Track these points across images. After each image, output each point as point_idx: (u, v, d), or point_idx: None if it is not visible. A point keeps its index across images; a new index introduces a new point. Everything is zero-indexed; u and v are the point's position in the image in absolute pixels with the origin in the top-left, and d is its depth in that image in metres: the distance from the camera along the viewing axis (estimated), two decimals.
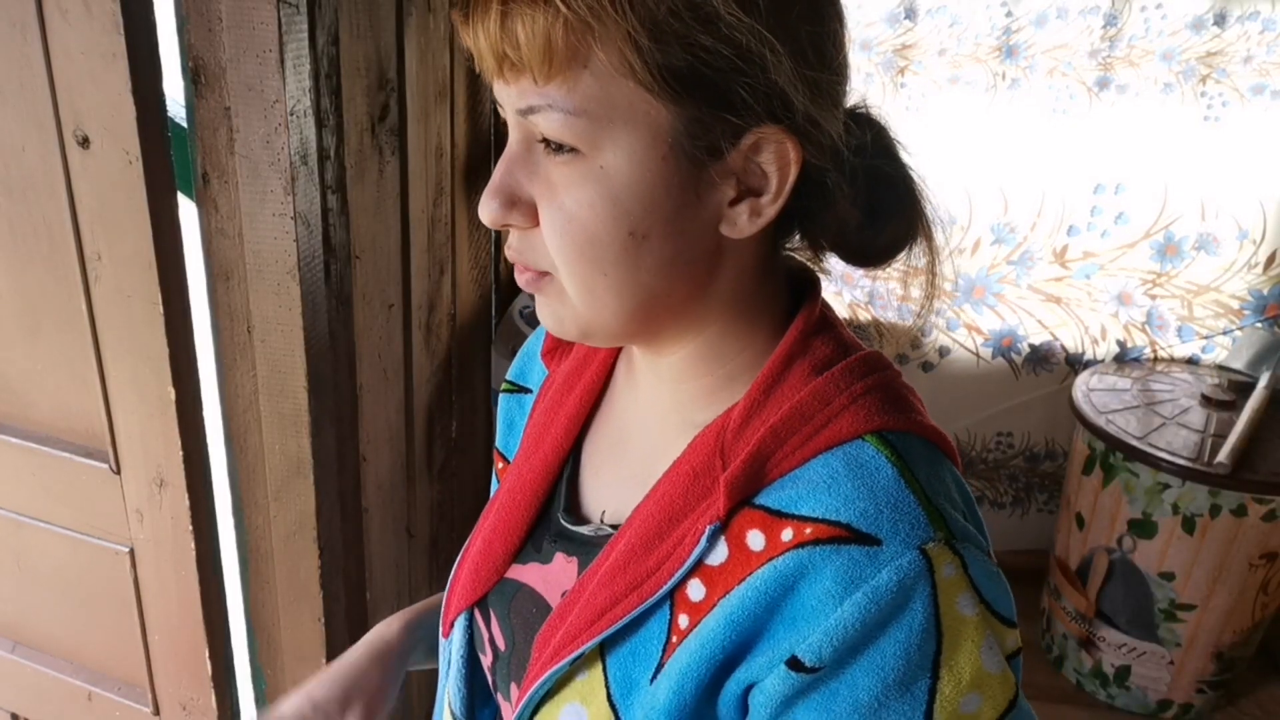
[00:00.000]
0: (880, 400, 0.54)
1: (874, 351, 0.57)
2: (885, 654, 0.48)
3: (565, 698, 0.57)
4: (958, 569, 0.49)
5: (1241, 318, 2.28)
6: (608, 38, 0.48)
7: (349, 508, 1.23)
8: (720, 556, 0.53)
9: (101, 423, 1.16)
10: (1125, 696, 2.18)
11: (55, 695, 1.42)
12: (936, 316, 2.35)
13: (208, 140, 0.97)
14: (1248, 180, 2.16)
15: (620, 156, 0.50)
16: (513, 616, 0.66)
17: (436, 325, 1.50)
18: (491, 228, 0.55)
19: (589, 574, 0.58)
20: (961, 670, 0.48)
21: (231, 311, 1.05)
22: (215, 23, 0.92)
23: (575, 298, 0.54)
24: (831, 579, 0.48)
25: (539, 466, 0.67)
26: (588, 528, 0.63)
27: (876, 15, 2.10)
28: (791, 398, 0.54)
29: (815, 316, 0.58)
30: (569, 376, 0.70)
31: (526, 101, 0.51)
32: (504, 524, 0.68)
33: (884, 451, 0.52)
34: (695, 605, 0.53)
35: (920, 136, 2.31)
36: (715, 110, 0.49)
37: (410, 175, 1.28)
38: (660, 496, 0.56)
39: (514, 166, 0.53)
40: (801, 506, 0.51)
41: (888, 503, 0.49)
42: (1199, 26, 2.06)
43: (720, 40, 0.48)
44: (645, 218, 0.51)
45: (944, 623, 0.48)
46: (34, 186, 1.05)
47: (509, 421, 0.77)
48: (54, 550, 1.30)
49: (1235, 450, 1.88)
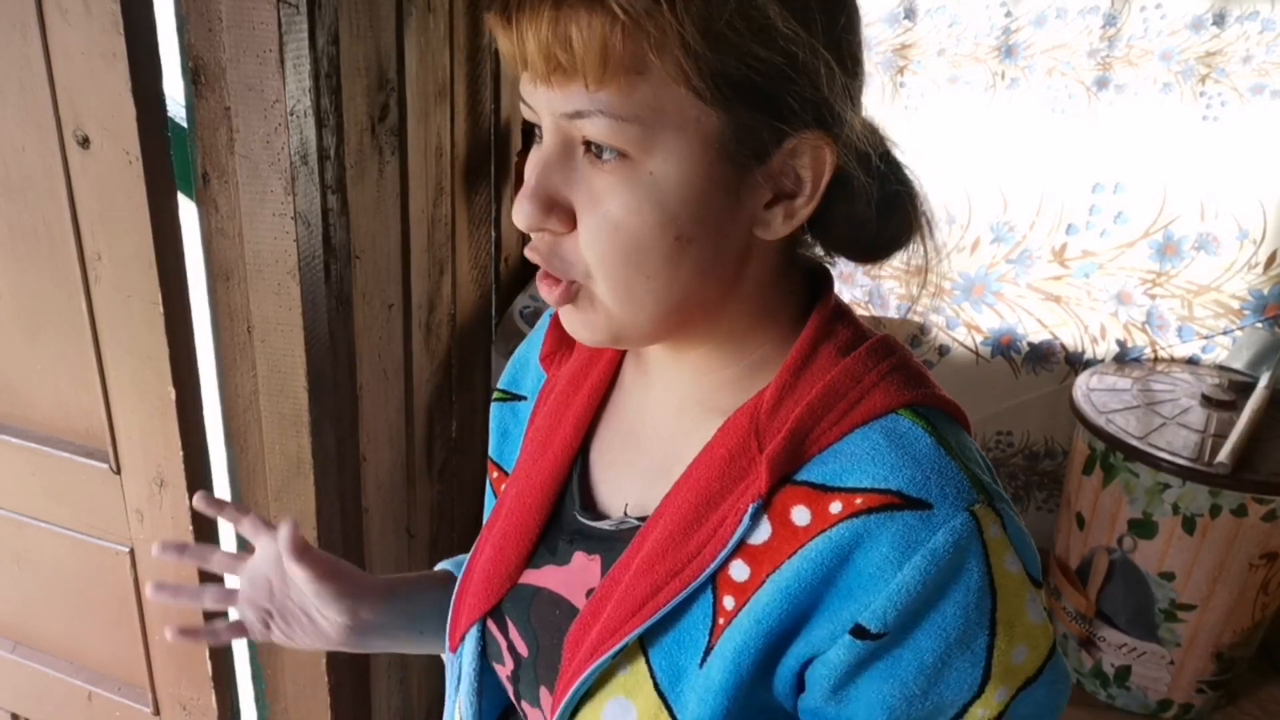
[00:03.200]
0: (905, 377, 0.56)
1: (888, 334, 0.59)
2: (946, 615, 0.49)
3: (608, 694, 0.57)
4: (1000, 529, 0.51)
5: (1241, 318, 2.28)
6: (664, 44, 0.48)
7: (349, 508, 1.23)
8: (763, 535, 0.53)
9: (101, 423, 1.16)
10: (1125, 696, 2.18)
11: (55, 695, 1.42)
12: (936, 315, 2.36)
13: (208, 140, 0.97)
14: (1247, 180, 2.16)
15: (669, 162, 0.50)
16: (534, 621, 0.65)
17: (436, 325, 1.50)
18: (526, 231, 0.54)
19: (620, 567, 0.58)
20: (1014, 624, 0.50)
21: (231, 311, 1.05)
22: (215, 23, 0.92)
23: (612, 302, 0.54)
24: (889, 545, 0.49)
25: (548, 468, 0.67)
26: (608, 522, 0.63)
27: (876, 15, 2.10)
28: (823, 377, 0.55)
29: (833, 303, 0.60)
30: (574, 377, 0.69)
31: (573, 106, 0.50)
32: (515, 529, 0.67)
33: (918, 423, 0.53)
34: (740, 585, 0.53)
35: (920, 136, 2.32)
36: (765, 117, 0.50)
37: (410, 175, 1.28)
38: (695, 481, 0.56)
39: (550, 170, 0.52)
40: (847, 479, 0.52)
41: (932, 469, 0.51)
42: (1198, 26, 2.06)
43: (775, 51, 0.48)
44: (690, 222, 0.51)
45: (997, 580, 0.50)
46: (34, 186, 1.05)
47: (503, 430, 0.77)
48: (54, 550, 1.30)
49: (1235, 450, 1.88)
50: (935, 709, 0.51)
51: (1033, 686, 0.52)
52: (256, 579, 0.76)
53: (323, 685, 1.24)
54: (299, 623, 0.74)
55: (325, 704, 1.25)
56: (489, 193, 1.65)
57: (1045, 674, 0.53)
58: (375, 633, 0.74)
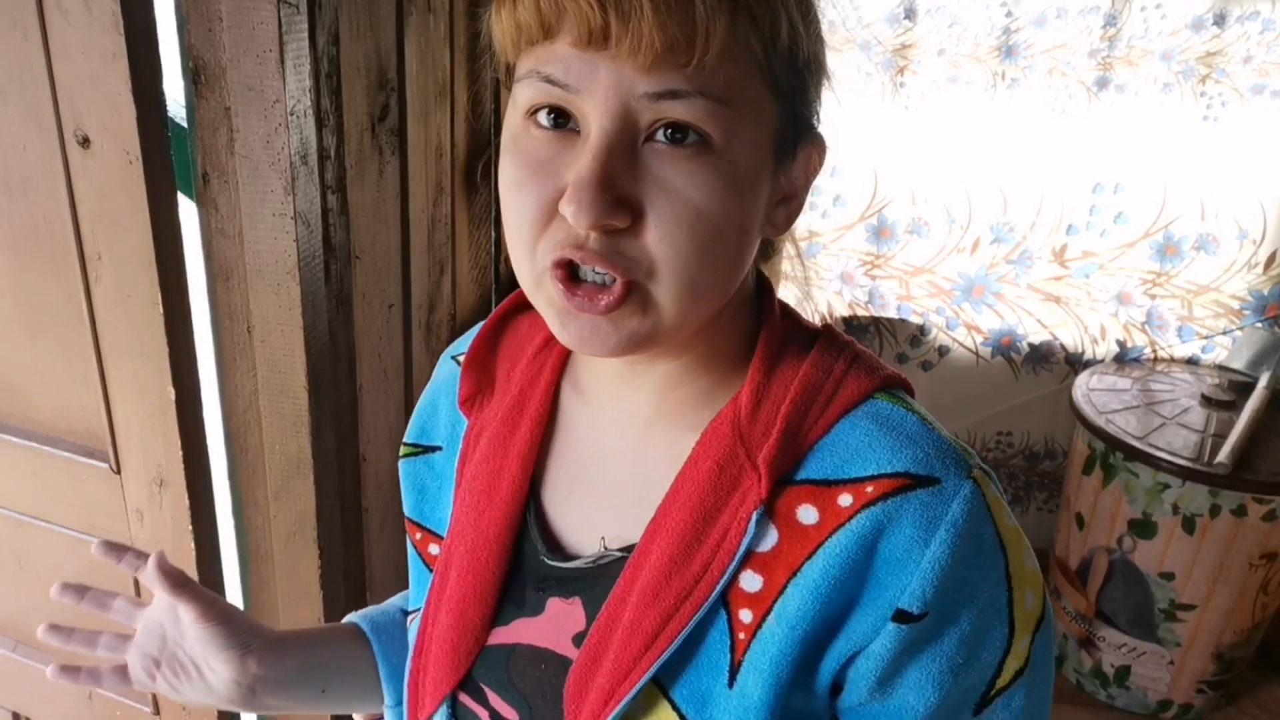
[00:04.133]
0: (865, 362, 0.57)
1: (826, 323, 0.61)
2: (973, 582, 0.50)
3: None
4: (995, 488, 0.53)
5: (1241, 318, 2.28)
6: (753, 32, 0.48)
7: (349, 508, 1.23)
8: (770, 541, 0.52)
9: (102, 422, 1.16)
10: (1125, 696, 2.18)
11: (55, 695, 1.42)
12: (936, 315, 2.36)
13: (208, 140, 0.97)
14: (1247, 180, 2.16)
15: (746, 149, 0.49)
16: (516, 682, 0.61)
17: (436, 325, 1.50)
18: (589, 229, 0.48)
19: (615, 603, 0.55)
20: (1022, 575, 0.52)
21: (231, 311, 1.05)
22: (215, 23, 0.92)
23: (671, 301, 0.50)
24: (911, 525, 0.50)
25: (498, 517, 0.62)
26: (583, 560, 0.59)
27: (876, 15, 2.10)
28: (795, 373, 0.55)
29: (778, 300, 0.60)
30: (506, 417, 0.64)
31: (666, 85, 0.46)
32: (473, 588, 0.62)
33: (897, 404, 0.54)
34: (754, 596, 0.52)
35: (920, 136, 2.33)
36: (800, 112, 0.52)
37: (410, 175, 1.28)
38: (685, 499, 0.54)
39: (615, 159, 0.47)
40: (850, 470, 0.52)
41: (929, 445, 0.52)
42: (1198, 26, 2.06)
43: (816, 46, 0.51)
44: (751, 215, 0.51)
45: (1004, 537, 0.52)
46: (34, 186, 1.05)
47: (419, 488, 0.71)
48: (54, 550, 1.30)
49: (1235, 450, 1.88)
50: (979, 674, 0.52)
51: (1041, 627, 0.54)
52: (150, 625, 0.72)
53: None
54: (186, 674, 0.69)
55: None
56: (489, 193, 1.65)
57: (1046, 613, 0.54)
58: (268, 689, 0.68)
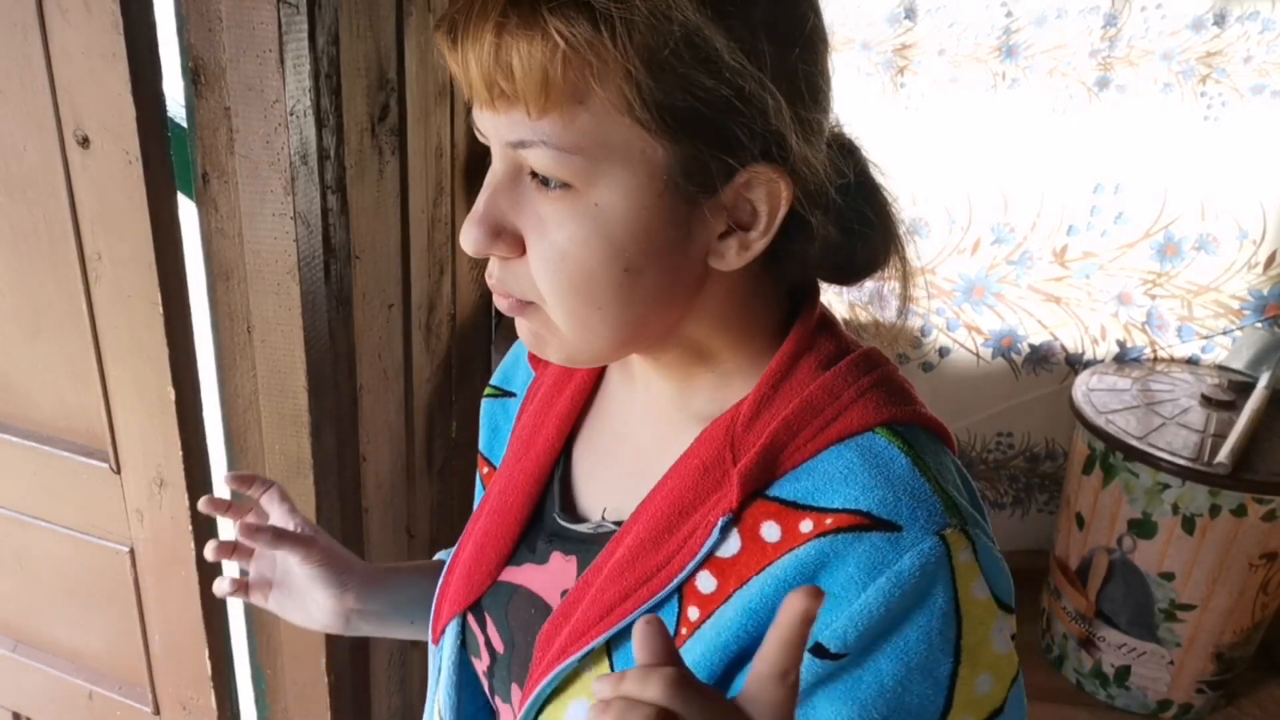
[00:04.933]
0: (886, 393, 0.55)
1: (873, 347, 0.58)
2: (909, 639, 0.48)
3: (572, 694, 0.57)
4: (971, 554, 0.50)
5: (1241, 318, 2.28)
6: (607, 74, 0.47)
7: (349, 508, 1.23)
8: (732, 549, 0.53)
9: (101, 422, 1.16)
10: (1125, 696, 2.18)
11: (55, 695, 1.42)
12: (937, 316, 2.36)
13: (208, 140, 0.97)
14: (1248, 180, 2.16)
15: (616, 194, 0.49)
16: (510, 619, 0.66)
17: (436, 325, 1.50)
18: (474, 257, 0.53)
19: (593, 571, 0.58)
20: (978, 653, 0.49)
21: (231, 311, 1.05)
22: (215, 23, 0.92)
23: (566, 329, 0.54)
24: (855, 566, 0.49)
25: (530, 468, 0.67)
26: (586, 526, 0.63)
27: (876, 15, 2.10)
28: (801, 391, 0.55)
29: (816, 315, 0.59)
30: (559, 378, 0.69)
31: (517, 135, 0.49)
32: (496, 527, 0.67)
33: (895, 442, 0.52)
34: (706, 598, 0.53)
35: (920, 136, 2.32)
36: (712, 149, 0.49)
37: (410, 175, 1.28)
38: (669, 490, 0.56)
39: (498, 196, 0.52)
40: (819, 498, 0.51)
41: (905, 491, 0.50)
42: (1199, 26, 2.06)
43: (721, 82, 0.47)
44: (640, 254, 0.51)
45: (963, 607, 0.49)
46: (34, 186, 1.05)
47: (493, 426, 0.77)
48: (54, 550, 1.30)
49: (1235, 450, 1.88)
50: None
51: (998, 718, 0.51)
52: (264, 552, 0.78)
53: (323, 685, 1.24)
54: (291, 601, 0.77)
55: (325, 704, 1.25)
56: None
57: (1008, 705, 0.51)
58: (363, 620, 0.76)
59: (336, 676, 1.25)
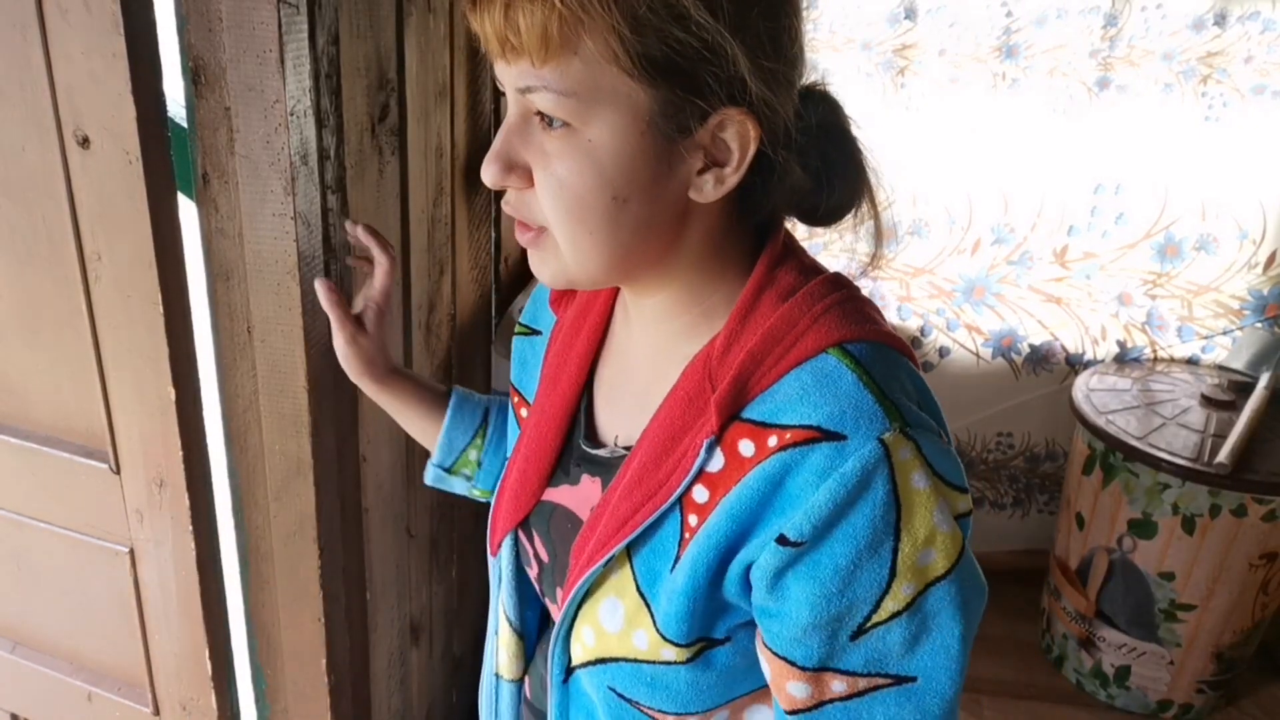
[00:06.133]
0: (839, 316, 0.63)
1: (835, 273, 0.67)
2: (856, 525, 0.58)
3: (603, 593, 0.68)
4: (913, 451, 0.58)
5: (1241, 318, 2.28)
6: (595, 29, 0.56)
7: (349, 508, 1.23)
8: (718, 464, 0.63)
9: (101, 423, 1.16)
10: (1125, 696, 2.18)
11: (55, 695, 1.42)
12: (937, 316, 2.36)
13: (208, 140, 0.97)
14: (1248, 180, 2.16)
15: (605, 131, 0.59)
16: (552, 533, 0.77)
17: (436, 325, 1.50)
18: (492, 188, 0.63)
19: (610, 490, 0.69)
20: (917, 531, 0.58)
21: (231, 311, 1.05)
22: (215, 23, 0.92)
23: (565, 251, 0.63)
24: (809, 471, 0.58)
25: (559, 400, 0.78)
26: (604, 450, 0.74)
27: (876, 15, 2.10)
28: (763, 324, 0.63)
29: (778, 251, 0.67)
30: (575, 320, 0.80)
31: (525, 82, 0.59)
32: (535, 453, 0.78)
33: (844, 361, 0.61)
34: (701, 506, 0.63)
35: (920, 137, 2.33)
36: (686, 94, 0.58)
37: (410, 175, 1.28)
38: (663, 419, 0.66)
39: (512, 135, 0.62)
40: (782, 417, 0.61)
41: (850, 404, 0.59)
42: (1199, 27, 2.06)
43: (690, 34, 0.56)
44: (626, 184, 0.60)
45: (901, 496, 0.58)
46: (34, 186, 1.05)
47: (522, 360, 0.88)
48: (54, 550, 1.30)
49: (1235, 450, 1.88)
50: (851, 603, 0.59)
51: (941, 583, 0.59)
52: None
53: (323, 685, 1.24)
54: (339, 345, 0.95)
55: (325, 704, 1.25)
56: (489, 193, 1.65)
57: (954, 573, 0.59)
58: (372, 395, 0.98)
59: (336, 676, 1.25)
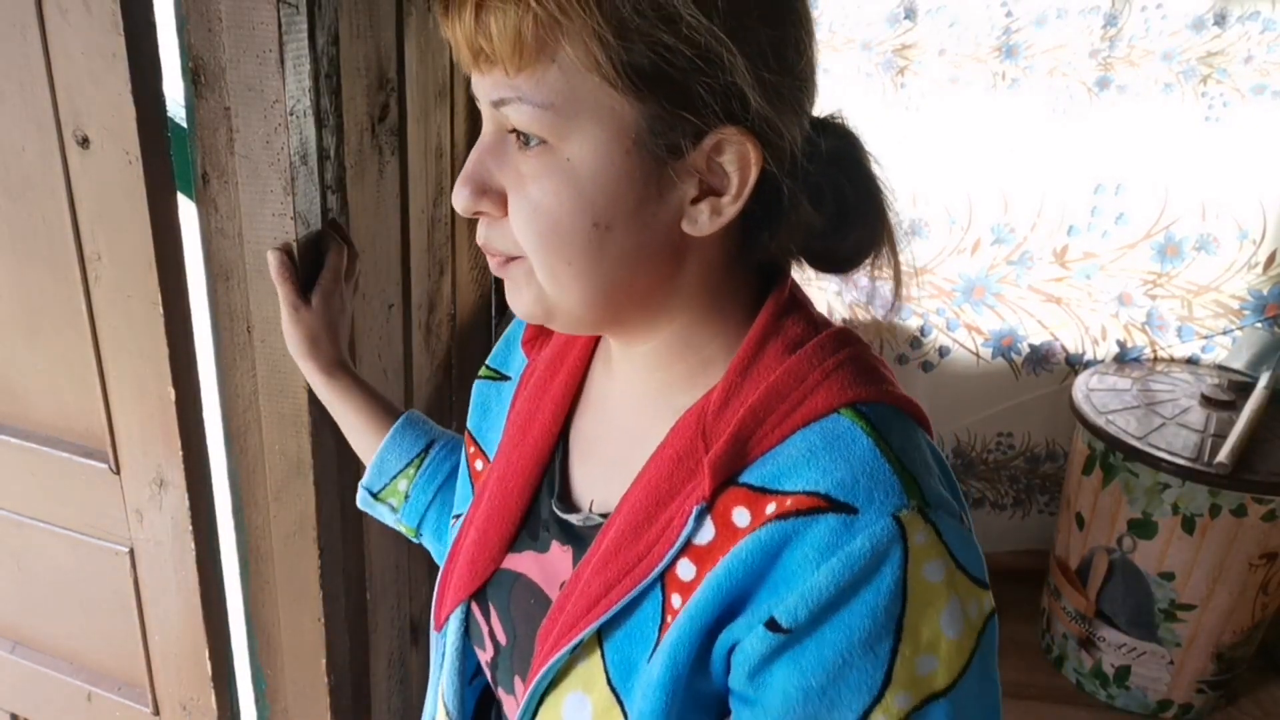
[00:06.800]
0: (852, 373, 0.56)
1: (843, 327, 0.60)
2: (854, 615, 0.49)
3: (568, 687, 0.59)
4: (930, 535, 0.50)
5: (1241, 318, 2.28)
6: (574, 33, 0.49)
7: (349, 508, 1.23)
8: (708, 535, 0.55)
9: (101, 423, 1.16)
10: (1125, 696, 2.18)
11: (55, 695, 1.42)
12: (937, 316, 2.36)
13: (208, 140, 0.97)
14: (1248, 180, 2.16)
15: (585, 149, 0.52)
16: (513, 609, 0.67)
17: (436, 325, 1.50)
18: (462, 215, 0.57)
19: (584, 563, 0.60)
20: (921, 633, 0.50)
21: (231, 311, 1.05)
22: (215, 23, 0.91)
23: (544, 283, 0.56)
24: (810, 545, 0.50)
25: (529, 454, 0.69)
26: (577, 516, 0.65)
27: (876, 15, 2.10)
28: (767, 377, 0.56)
29: (785, 298, 0.60)
30: (550, 364, 0.71)
31: (498, 93, 0.53)
32: (497, 512, 0.69)
33: (859, 423, 0.53)
34: (686, 584, 0.55)
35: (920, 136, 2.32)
36: (676, 108, 0.51)
37: (410, 175, 1.28)
38: (646, 482, 0.58)
39: (485, 156, 0.56)
40: (784, 482, 0.53)
41: (864, 472, 0.51)
42: (1199, 26, 2.06)
43: (681, 40, 0.49)
44: (608, 209, 0.53)
45: (910, 587, 0.49)
46: (34, 186, 1.05)
47: (485, 406, 0.79)
48: (54, 550, 1.30)
49: (1235, 450, 1.88)
50: (833, 704, 0.50)
51: (940, 702, 0.50)
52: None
53: (323, 685, 1.23)
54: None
55: (325, 704, 1.25)
56: None
57: (957, 691, 0.50)
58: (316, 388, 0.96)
59: (336, 676, 1.25)
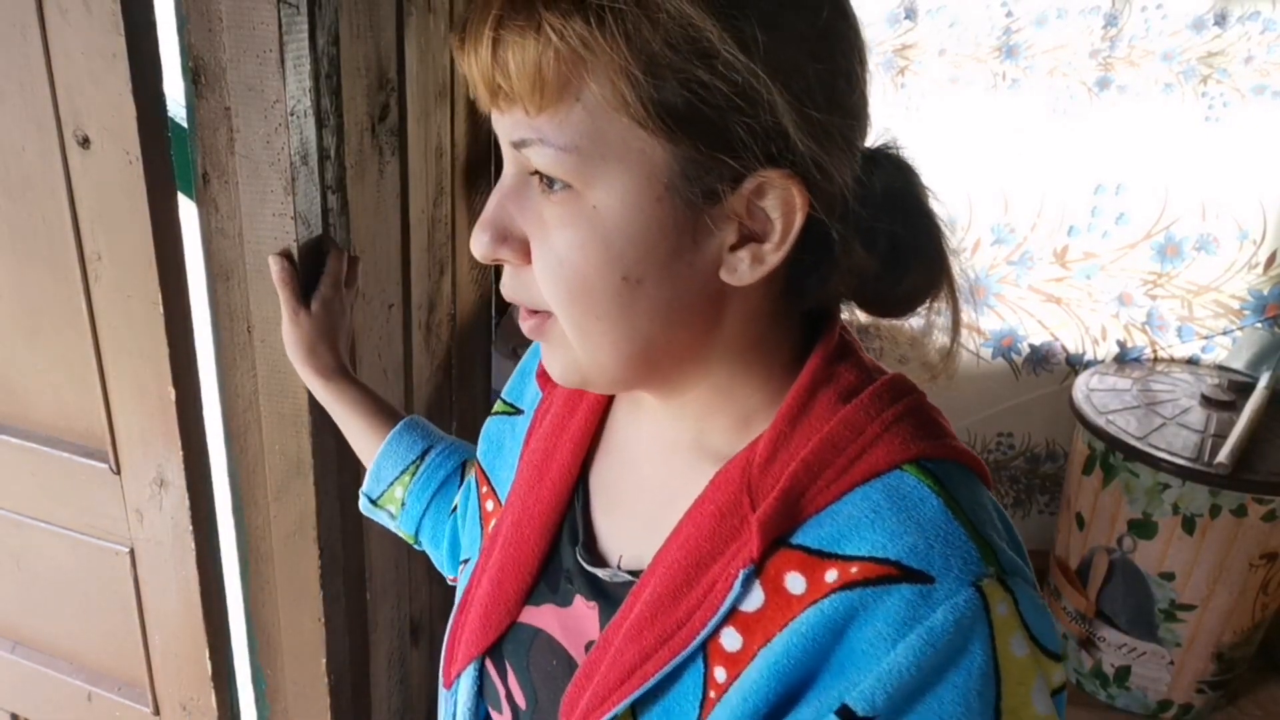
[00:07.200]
0: (914, 425, 0.51)
1: (899, 374, 0.55)
2: (944, 700, 0.44)
3: None
4: (1010, 606, 0.46)
5: (1241, 318, 2.28)
6: (600, 70, 0.45)
7: (349, 508, 1.23)
8: (756, 602, 0.49)
9: (101, 423, 1.16)
10: (1125, 696, 2.18)
11: (55, 695, 1.42)
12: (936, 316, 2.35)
13: (208, 140, 0.97)
14: (1248, 180, 2.16)
15: (613, 196, 0.47)
16: (532, 669, 0.62)
17: (436, 325, 1.50)
18: (482, 261, 0.52)
19: (613, 627, 0.55)
20: (1019, 715, 0.45)
21: (231, 311, 1.05)
22: (215, 23, 0.91)
23: (574, 341, 0.52)
24: (883, 621, 0.45)
25: (546, 497, 0.63)
26: (605, 572, 0.59)
27: (876, 15, 2.10)
28: (820, 428, 0.51)
29: (835, 342, 0.55)
30: (567, 400, 0.66)
31: (519, 134, 0.49)
32: (513, 562, 0.63)
33: (926, 481, 0.49)
34: (732, 656, 0.50)
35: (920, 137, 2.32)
36: (713, 150, 0.46)
37: (410, 175, 1.28)
38: (685, 540, 0.52)
39: (507, 199, 0.51)
40: (845, 545, 0.48)
41: (937, 536, 0.46)
42: (1199, 27, 2.06)
43: (717, 77, 0.45)
44: (639, 262, 0.48)
45: (1002, 666, 0.45)
46: (34, 186, 1.05)
47: (497, 443, 0.74)
48: (54, 550, 1.30)
49: (1235, 450, 1.88)
50: None
51: None
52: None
53: (323, 685, 1.24)
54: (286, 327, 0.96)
55: (325, 704, 1.25)
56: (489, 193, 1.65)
57: None
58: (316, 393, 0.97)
59: (336, 676, 1.25)
